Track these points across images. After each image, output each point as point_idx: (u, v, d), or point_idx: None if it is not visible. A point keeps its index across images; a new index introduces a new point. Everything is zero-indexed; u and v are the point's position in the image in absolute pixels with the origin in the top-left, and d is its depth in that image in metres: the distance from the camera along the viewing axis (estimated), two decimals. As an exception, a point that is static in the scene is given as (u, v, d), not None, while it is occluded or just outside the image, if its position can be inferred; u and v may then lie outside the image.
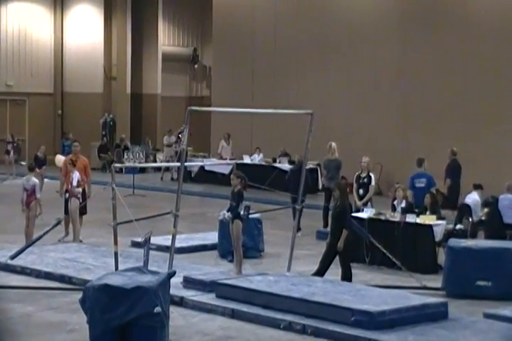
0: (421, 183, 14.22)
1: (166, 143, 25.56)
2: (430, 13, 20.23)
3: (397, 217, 12.35)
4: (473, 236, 12.69)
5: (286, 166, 21.48)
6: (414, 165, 18.65)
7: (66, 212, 13.63)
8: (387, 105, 21.10)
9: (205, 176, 22.81)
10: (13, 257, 10.79)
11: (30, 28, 28.98)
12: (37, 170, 18.67)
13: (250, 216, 11.59)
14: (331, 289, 9.37)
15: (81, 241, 13.36)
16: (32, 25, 29.03)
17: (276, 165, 21.76)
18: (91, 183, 14.25)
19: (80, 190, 13.42)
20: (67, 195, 13.51)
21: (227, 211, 10.71)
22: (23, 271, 11.11)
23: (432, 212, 12.49)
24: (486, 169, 18.50)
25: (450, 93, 19.79)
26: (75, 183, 13.43)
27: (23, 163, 27.07)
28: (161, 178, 24.05)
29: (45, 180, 20.91)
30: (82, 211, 13.66)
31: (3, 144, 27.12)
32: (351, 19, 21.74)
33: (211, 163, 21.77)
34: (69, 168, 13.80)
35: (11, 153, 24.88)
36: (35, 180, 13.03)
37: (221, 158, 22.77)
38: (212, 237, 13.30)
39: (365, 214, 12.68)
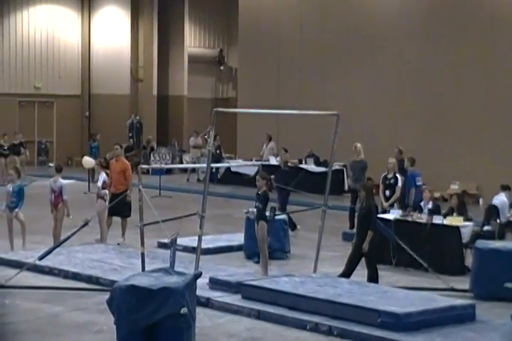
0: (419, 181, 14.38)
1: (192, 144, 25.61)
2: (455, 12, 20.12)
3: (423, 218, 12.28)
4: (501, 237, 12.58)
5: (312, 167, 21.46)
6: (440, 165, 18.58)
7: (109, 213, 13.70)
8: (413, 105, 21.01)
9: (231, 177, 22.83)
10: (41, 258, 10.87)
11: (57, 31, 29.21)
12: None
13: (276, 217, 11.58)
14: (357, 290, 9.34)
15: (118, 244, 13.39)
16: (59, 27, 29.26)
17: (303, 166, 21.73)
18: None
19: (107, 191, 13.47)
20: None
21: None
22: (51, 271, 11.19)
23: (459, 214, 12.41)
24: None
25: (475, 93, 19.65)
26: (99, 184, 13.52)
27: (50, 164, 27.34)
28: (187, 179, 24.12)
29: (72, 181, 21.12)
30: (127, 213, 13.68)
31: (31, 146, 27.41)
32: (376, 19, 21.68)
33: (237, 164, 21.78)
34: (96, 170, 13.88)
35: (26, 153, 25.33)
36: (62, 181, 13.10)
37: (261, 159, 22.48)
38: (238, 238, 13.31)
39: (391, 215, 12.63)
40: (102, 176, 13.57)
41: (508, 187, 13.73)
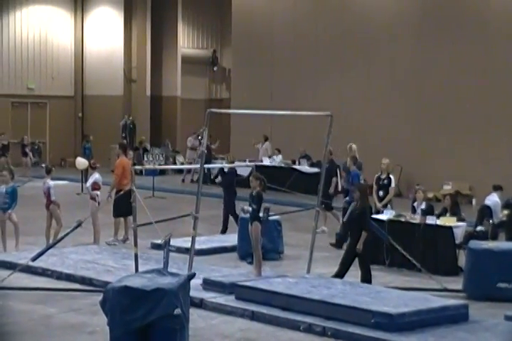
0: (361, 180, 14.45)
1: (189, 145, 25.45)
2: (449, 13, 20.16)
3: (417, 218, 12.30)
4: (494, 237, 12.60)
5: (305, 168, 21.46)
6: (433, 166, 18.53)
7: (114, 214, 13.71)
8: (407, 106, 21.04)
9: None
10: (34, 259, 10.85)
11: (50, 31, 29.17)
12: None
13: (270, 218, 11.59)
14: (350, 291, 9.35)
15: (109, 244, 13.41)
16: (52, 28, 29.21)
17: (296, 166, 21.73)
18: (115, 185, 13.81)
19: (98, 192, 13.45)
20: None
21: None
22: (44, 272, 11.17)
23: (453, 214, 12.43)
24: (507, 170, 18.38)
25: (470, 93, 19.69)
26: (88, 185, 13.51)
27: (43, 165, 27.26)
28: (183, 180, 24.08)
29: (65, 182, 21.11)
30: (115, 213, 13.70)
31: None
32: (370, 20, 21.71)
33: (230, 165, 21.73)
34: (89, 171, 13.87)
35: (30, 155, 25.36)
36: (49, 182, 13.06)
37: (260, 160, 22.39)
38: (231, 239, 13.32)
39: (385, 215, 12.64)
40: (93, 177, 13.56)
41: (500, 187, 13.77)
